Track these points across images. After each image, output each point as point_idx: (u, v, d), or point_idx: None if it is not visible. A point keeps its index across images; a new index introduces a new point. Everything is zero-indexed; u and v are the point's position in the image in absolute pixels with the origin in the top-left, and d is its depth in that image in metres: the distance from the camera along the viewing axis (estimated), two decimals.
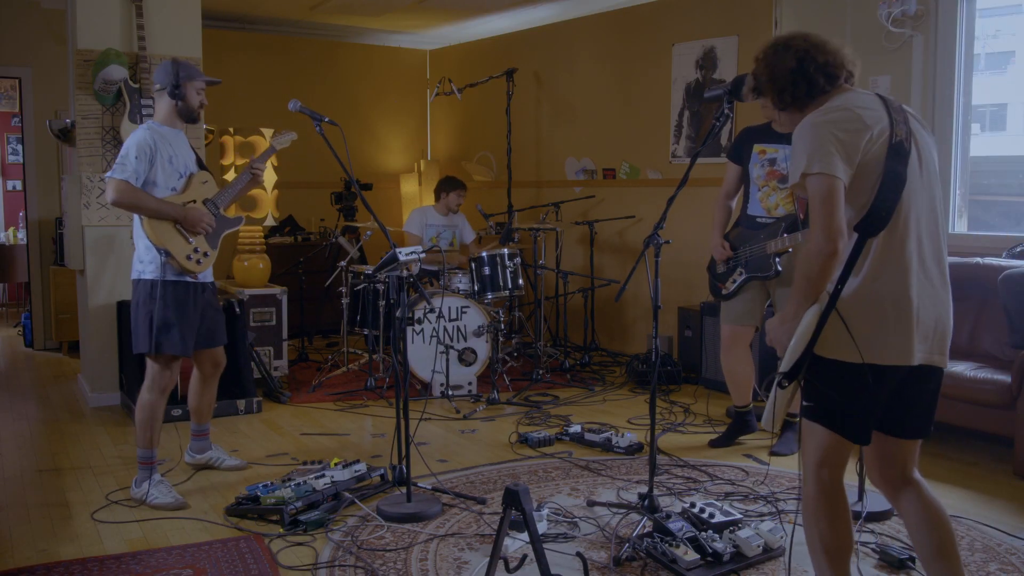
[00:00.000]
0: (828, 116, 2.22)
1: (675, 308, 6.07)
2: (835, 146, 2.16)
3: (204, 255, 3.69)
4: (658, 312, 3.39)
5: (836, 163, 2.15)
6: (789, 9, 5.51)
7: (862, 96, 2.29)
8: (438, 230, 6.44)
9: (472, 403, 5.25)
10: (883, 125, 2.22)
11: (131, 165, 3.50)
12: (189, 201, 3.67)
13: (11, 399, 5.48)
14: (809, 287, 2.20)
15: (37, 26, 7.02)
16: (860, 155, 2.18)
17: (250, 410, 5.05)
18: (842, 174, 2.15)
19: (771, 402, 2.27)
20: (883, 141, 2.20)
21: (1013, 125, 5.28)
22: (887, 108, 2.26)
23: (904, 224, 2.22)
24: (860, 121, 2.20)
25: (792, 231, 3.96)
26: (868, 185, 2.20)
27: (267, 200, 5.68)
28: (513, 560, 2.79)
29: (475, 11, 7.26)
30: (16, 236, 8.88)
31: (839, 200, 2.15)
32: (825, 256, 2.14)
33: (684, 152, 6.31)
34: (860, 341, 2.18)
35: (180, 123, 3.73)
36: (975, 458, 4.18)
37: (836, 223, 2.14)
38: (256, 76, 7.89)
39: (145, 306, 3.57)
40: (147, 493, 3.55)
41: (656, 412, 3.51)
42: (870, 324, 2.20)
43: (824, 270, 2.16)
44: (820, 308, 2.20)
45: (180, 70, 3.63)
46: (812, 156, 2.17)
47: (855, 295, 2.21)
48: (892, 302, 2.20)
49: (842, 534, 2.32)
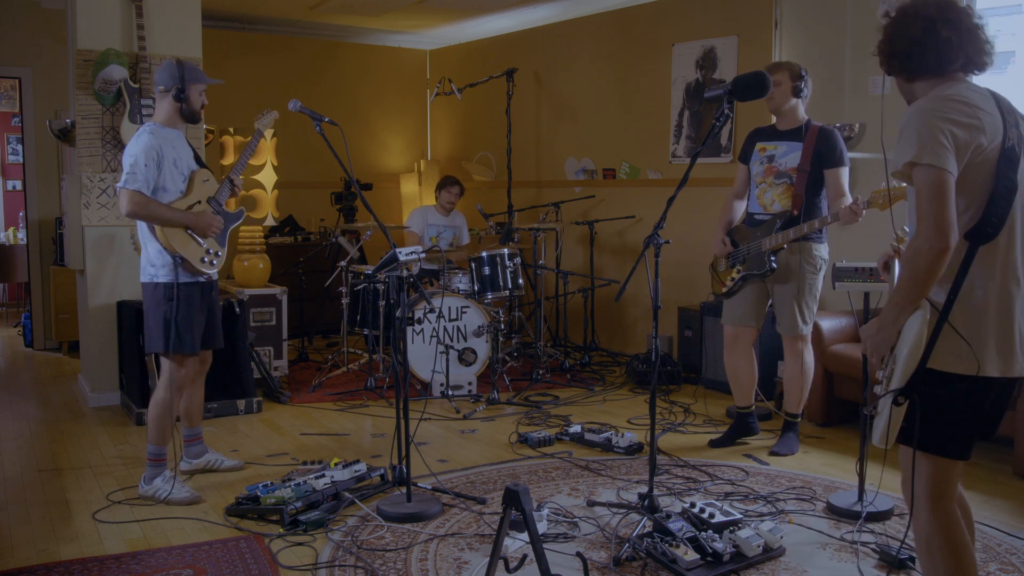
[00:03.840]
0: (945, 105, 2.08)
1: (675, 308, 6.06)
2: (948, 139, 2.03)
3: (216, 255, 3.74)
4: (658, 312, 3.39)
5: (948, 157, 2.02)
6: (789, 9, 5.51)
7: (978, 93, 2.14)
8: (438, 230, 6.45)
9: (472, 403, 5.25)
10: (997, 128, 2.10)
11: (141, 174, 3.52)
12: (195, 202, 3.69)
13: (11, 399, 5.48)
14: (915, 288, 2.05)
15: (37, 26, 7.02)
16: (969, 155, 2.06)
17: (250, 410, 5.05)
18: (953, 168, 2.03)
19: (885, 419, 2.13)
20: (996, 145, 2.09)
21: None
22: (1000, 109, 2.14)
23: (1011, 232, 2.12)
24: (976, 118, 2.07)
25: (787, 227, 3.96)
26: (975, 190, 2.09)
27: (267, 200, 5.68)
28: (513, 560, 2.79)
29: (475, 11, 7.26)
30: (16, 236, 8.88)
31: (950, 195, 2.01)
32: (936, 252, 2.00)
33: (684, 152, 6.31)
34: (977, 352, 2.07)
35: (181, 123, 3.74)
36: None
37: (948, 217, 2.00)
38: (256, 76, 7.88)
39: (159, 308, 3.61)
40: (161, 490, 3.59)
41: (656, 412, 3.51)
42: (982, 335, 2.10)
43: (933, 267, 2.02)
44: (926, 316, 2.09)
45: (184, 72, 3.63)
46: (923, 145, 2.03)
47: (968, 304, 2.10)
48: (997, 312, 2.11)
49: (970, 565, 2.16)
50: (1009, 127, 2.11)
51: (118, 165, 5.00)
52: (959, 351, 2.08)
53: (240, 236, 5.81)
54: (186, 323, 3.61)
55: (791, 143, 4.05)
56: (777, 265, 4.02)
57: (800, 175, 3.98)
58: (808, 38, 5.40)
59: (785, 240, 3.95)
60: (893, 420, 2.10)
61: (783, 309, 4.09)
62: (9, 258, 8.57)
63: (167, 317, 3.58)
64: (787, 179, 4.03)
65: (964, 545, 2.15)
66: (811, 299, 4.06)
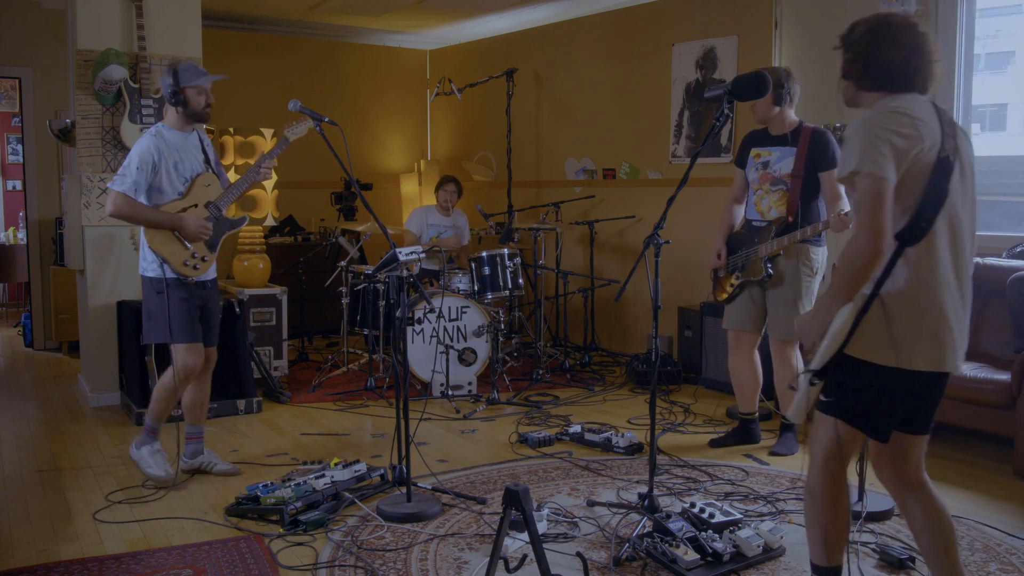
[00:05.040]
0: (887, 117, 2.23)
1: (675, 308, 6.06)
2: (889, 149, 2.18)
3: (202, 259, 3.77)
4: (658, 312, 3.39)
5: (887, 165, 2.16)
6: (789, 9, 5.51)
7: (919, 104, 2.29)
8: (439, 230, 6.44)
9: (472, 403, 5.25)
10: (935, 139, 2.24)
11: (131, 177, 3.60)
12: (191, 205, 3.71)
13: (11, 399, 5.48)
14: (848, 285, 2.22)
15: (37, 26, 7.02)
16: (908, 163, 2.20)
17: (250, 410, 5.05)
18: (892, 176, 2.17)
19: (800, 397, 2.33)
20: (932, 154, 2.23)
21: (1013, 125, 5.27)
22: (940, 121, 2.28)
23: (940, 237, 2.25)
24: (915, 128, 2.21)
25: (783, 234, 3.96)
26: (910, 195, 2.23)
27: (267, 200, 5.68)
28: (513, 560, 2.79)
29: (475, 11, 7.26)
30: (16, 236, 8.88)
31: (887, 202, 2.16)
32: (869, 257, 2.17)
33: (684, 152, 6.31)
34: (897, 345, 2.23)
35: (190, 126, 3.77)
36: (975, 458, 4.18)
37: (881, 224, 2.16)
38: (256, 76, 7.88)
39: (153, 300, 3.73)
40: (144, 461, 3.76)
41: (656, 412, 3.51)
42: (906, 330, 2.24)
43: (865, 270, 2.19)
44: (855, 308, 2.24)
45: (179, 75, 3.68)
46: (865, 155, 2.18)
47: (893, 300, 2.25)
48: (928, 311, 2.24)
49: (841, 520, 2.41)
50: (947, 138, 2.26)
51: (118, 165, 5.00)
52: (881, 342, 2.24)
53: (240, 236, 5.81)
54: (178, 314, 3.69)
55: (784, 148, 4.04)
56: (774, 272, 4.02)
57: (795, 180, 3.97)
58: (808, 38, 5.40)
59: (780, 247, 3.95)
60: (809, 399, 2.30)
61: (777, 311, 4.07)
62: (9, 258, 8.57)
63: (162, 308, 3.69)
64: (783, 185, 4.02)
65: (844, 499, 2.40)
66: (807, 302, 4.04)
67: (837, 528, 2.40)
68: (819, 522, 2.41)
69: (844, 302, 2.25)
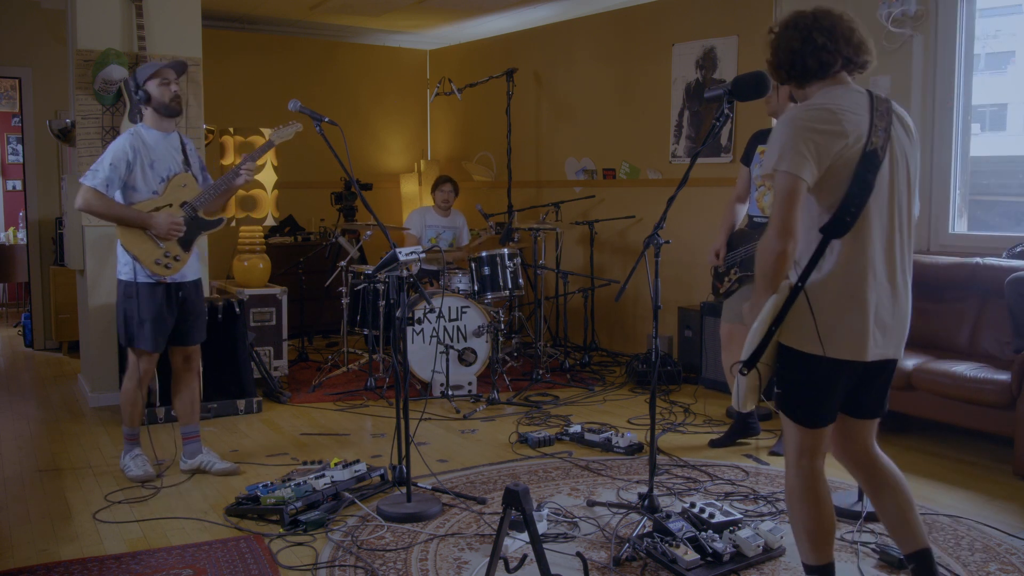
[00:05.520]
0: (808, 114, 2.27)
1: (675, 308, 6.07)
2: (807, 147, 2.22)
3: (175, 259, 3.79)
4: (658, 312, 3.39)
5: (804, 164, 2.22)
6: (789, 9, 5.48)
7: (850, 96, 2.32)
8: (438, 231, 6.44)
9: (472, 403, 5.25)
10: (861, 132, 2.26)
11: (103, 172, 3.66)
12: (165, 204, 3.73)
13: (11, 399, 5.48)
14: (764, 279, 2.30)
15: (37, 26, 7.02)
16: (831, 159, 2.24)
17: (250, 410, 5.05)
18: (808, 176, 2.22)
19: (735, 387, 2.40)
20: (858, 148, 2.26)
21: (1013, 125, 5.28)
22: (872, 112, 2.30)
23: (868, 229, 2.29)
24: (839, 124, 2.25)
25: None
26: (837, 188, 2.27)
27: (267, 200, 5.68)
28: (513, 560, 2.79)
29: (475, 11, 7.26)
30: (16, 236, 8.88)
31: (798, 201, 2.22)
32: (774, 254, 2.24)
33: (684, 152, 6.31)
34: (821, 335, 2.29)
35: (168, 123, 3.79)
36: (975, 458, 4.18)
37: (789, 223, 2.22)
38: (256, 76, 7.89)
39: (122, 304, 3.79)
40: (127, 467, 3.87)
41: (656, 412, 3.51)
42: (830, 320, 2.29)
43: (774, 267, 2.26)
44: (779, 299, 2.30)
45: (137, 75, 3.77)
46: (784, 152, 2.24)
47: (818, 292, 2.30)
48: (851, 302, 2.29)
49: (824, 519, 2.42)
50: (876, 131, 2.28)
51: None
52: (808, 332, 2.31)
53: (240, 236, 5.81)
54: (144, 321, 3.73)
55: None
56: None
57: None
58: None
59: None
60: (743, 389, 2.35)
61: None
62: (9, 258, 8.57)
63: (126, 313, 3.76)
64: None
65: (822, 497, 2.41)
66: None
67: (820, 526, 2.42)
68: (800, 521, 2.44)
69: (769, 294, 2.30)
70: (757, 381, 2.36)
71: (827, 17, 2.35)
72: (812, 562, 2.44)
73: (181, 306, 3.85)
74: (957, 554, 3.05)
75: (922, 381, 4.10)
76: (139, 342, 3.76)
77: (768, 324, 2.30)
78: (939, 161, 4.84)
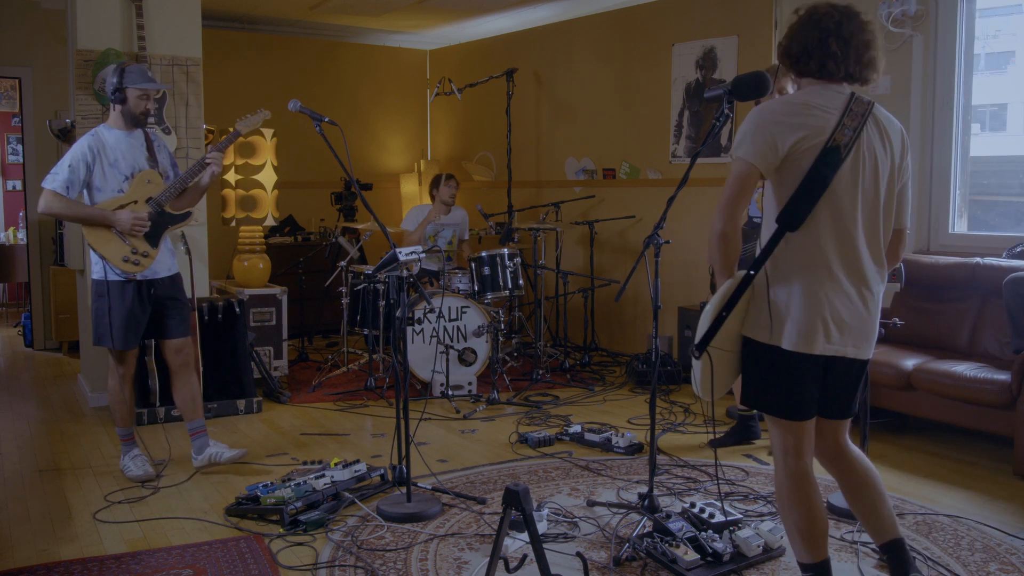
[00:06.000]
0: (774, 106, 2.32)
1: (675, 308, 6.06)
2: (764, 136, 2.26)
3: (143, 255, 3.80)
4: (658, 312, 3.39)
5: (757, 152, 2.26)
6: (789, 9, 5.49)
7: (827, 94, 2.33)
8: (437, 227, 6.43)
9: (472, 403, 5.25)
10: (824, 127, 2.27)
11: (62, 175, 3.68)
12: (130, 202, 3.75)
13: (11, 399, 5.48)
14: (715, 265, 2.36)
15: (37, 26, 7.02)
16: (786, 151, 2.26)
17: (250, 410, 5.05)
18: (759, 163, 2.27)
19: (693, 372, 2.44)
20: (818, 142, 2.26)
21: (1013, 125, 5.27)
22: (844, 111, 2.29)
23: (825, 225, 2.30)
24: (800, 117, 2.27)
25: None
26: (794, 181, 2.29)
27: (267, 200, 5.68)
28: (513, 560, 2.79)
29: (475, 11, 7.26)
30: (16, 236, 8.88)
31: (746, 187, 2.28)
32: (714, 235, 2.32)
33: (684, 152, 6.31)
34: (772, 324, 2.34)
35: (132, 124, 3.82)
36: (975, 458, 4.18)
37: (732, 207, 2.28)
38: (256, 76, 7.88)
39: (95, 303, 3.82)
40: (127, 467, 3.88)
41: (656, 412, 3.51)
42: (779, 310, 2.33)
43: (718, 246, 2.32)
44: (731, 286, 2.34)
45: (124, 75, 3.75)
46: (743, 139, 2.30)
47: (772, 282, 2.34)
48: (802, 294, 2.31)
49: (815, 518, 2.43)
50: (841, 129, 2.27)
51: None
52: (763, 322, 2.35)
53: (240, 236, 5.81)
54: (113, 320, 3.75)
55: None
56: None
57: None
58: None
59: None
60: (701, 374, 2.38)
61: None
62: (9, 258, 8.57)
63: (96, 312, 3.80)
64: None
65: (811, 496, 2.41)
66: None
67: (812, 524, 2.42)
68: (791, 521, 2.45)
69: (727, 277, 2.35)
70: (710, 367, 2.36)
71: (849, 25, 2.32)
72: (807, 560, 2.45)
73: (159, 304, 3.87)
74: (957, 554, 3.05)
75: (922, 381, 4.10)
76: (105, 340, 3.79)
77: (719, 309, 2.33)
78: (939, 161, 4.84)
